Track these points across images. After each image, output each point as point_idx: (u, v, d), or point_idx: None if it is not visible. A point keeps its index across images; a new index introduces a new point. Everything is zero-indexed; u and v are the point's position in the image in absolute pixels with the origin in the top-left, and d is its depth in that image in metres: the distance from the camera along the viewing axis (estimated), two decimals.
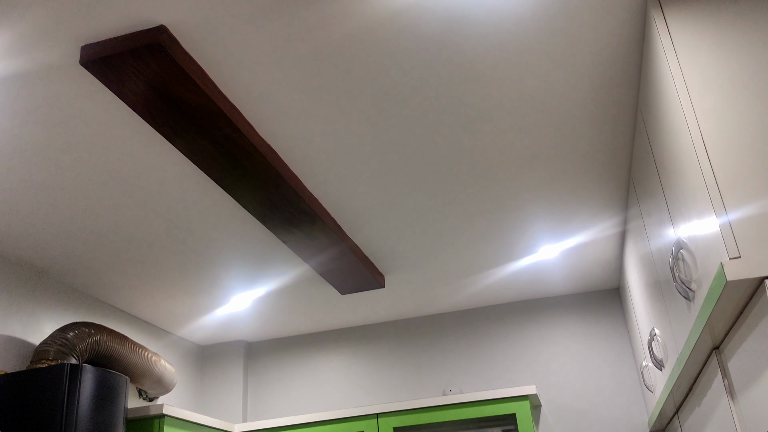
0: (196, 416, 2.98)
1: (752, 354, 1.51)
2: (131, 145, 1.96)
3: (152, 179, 2.14)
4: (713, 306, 1.43)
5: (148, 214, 2.35)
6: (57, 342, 2.47)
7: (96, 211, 2.30)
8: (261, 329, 3.66)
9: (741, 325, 1.55)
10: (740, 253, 1.28)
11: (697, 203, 1.48)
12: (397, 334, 3.65)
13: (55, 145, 1.92)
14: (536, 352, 3.42)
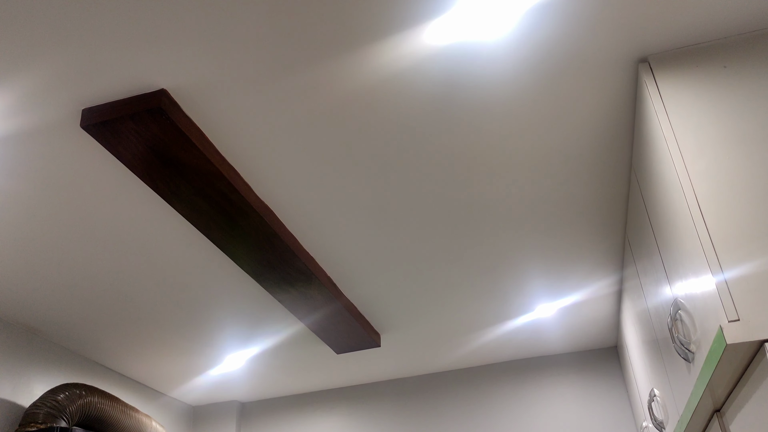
0: None
1: (754, 417, 1.49)
2: (128, 205, 1.97)
3: (148, 239, 2.14)
4: (713, 368, 1.42)
5: (144, 273, 2.34)
6: (47, 404, 2.41)
7: (90, 271, 2.29)
8: (255, 389, 3.59)
9: (742, 387, 1.53)
10: (739, 316, 1.28)
11: (693, 263, 1.48)
12: (393, 393, 3.59)
13: (51, 204, 1.93)
14: (534, 412, 3.36)
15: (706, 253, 1.37)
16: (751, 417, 1.52)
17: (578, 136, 1.86)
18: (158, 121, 1.55)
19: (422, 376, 3.59)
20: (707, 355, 1.42)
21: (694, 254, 1.46)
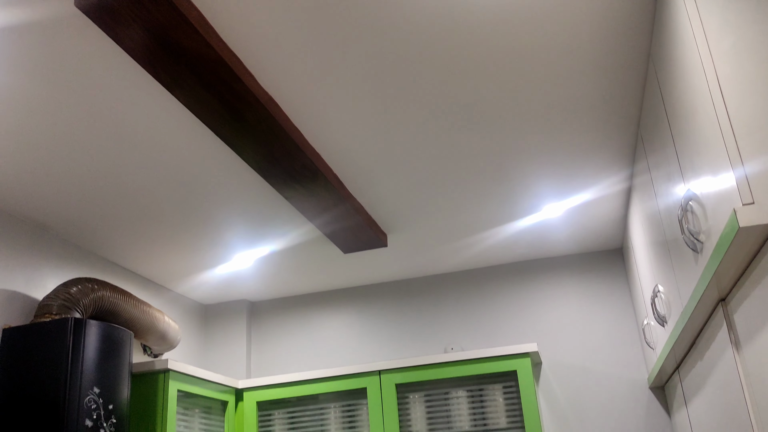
0: (201, 372, 3.00)
1: (759, 305, 1.50)
2: (131, 96, 1.92)
3: (153, 132, 2.11)
4: (723, 255, 1.41)
5: (149, 168, 2.32)
6: (60, 297, 2.46)
7: (96, 166, 2.28)
8: (264, 289, 3.66)
9: (749, 275, 1.54)
10: (754, 199, 1.26)
11: (710, 150, 1.45)
12: (399, 293, 3.65)
13: (55, 98, 1.89)
14: (538, 311, 3.43)
15: (724, 138, 1.34)
16: (757, 305, 1.53)
17: (593, 25, 1.79)
18: (157, 2, 1.49)
19: (428, 277, 3.64)
20: (718, 241, 1.42)
21: (711, 141, 1.43)
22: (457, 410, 3.07)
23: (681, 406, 2.74)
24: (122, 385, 2.51)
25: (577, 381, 3.26)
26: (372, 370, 3.17)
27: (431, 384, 3.14)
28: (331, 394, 3.24)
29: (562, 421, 3.21)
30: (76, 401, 2.29)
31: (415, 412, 3.11)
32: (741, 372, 1.71)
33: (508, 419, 3.00)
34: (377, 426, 3.07)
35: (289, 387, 3.26)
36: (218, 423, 3.15)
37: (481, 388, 3.08)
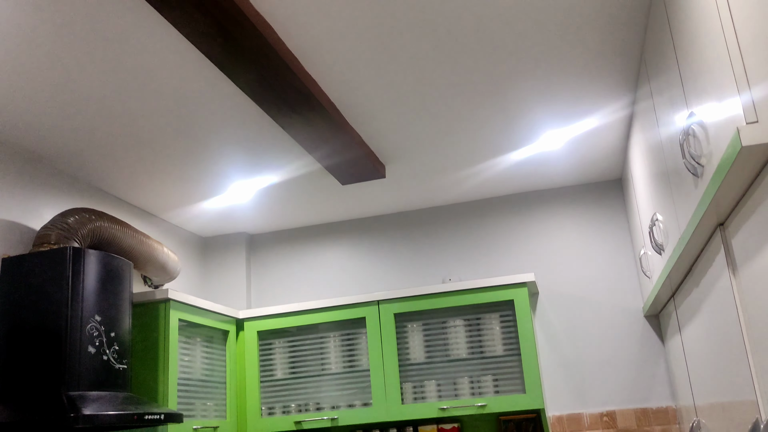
0: (202, 302, 3.03)
1: (757, 229, 1.50)
2: (124, 24, 1.87)
3: (147, 60, 2.06)
4: (723, 177, 1.40)
5: (144, 96, 2.28)
6: (58, 226, 2.46)
7: (91, 95, 2.23)
8: (262, 221, 3.67)
9: (748, 199, 1.53)
10: (758, 118, 1.24)
11: (715, 73, 1.42)
12: (398, 225, 3.66)
13: (50, 27, 1.83)
14: (536, 242, 3.44)
15: (731, 57, 1.30)
16: (754, 229, 1.53)
17: None
18: None
19: (426, 209, 3.64)
20: (719, 163, 1.40)
21: (717, 61, 1.39)
22: (455, 339, 3.12)
23: (675, 333, 2.78)
24: (123, 314, 2.54)
25: (572, 310, 3.31)
26: (371, 300, 3.21)
27: (429, 313, 3.18)
28: (331, 324, 3.29)
29: (557, 350, 3.28)
30: (78, 329, 2.32)
31: (413, 341, 3.16)
32: (737, 296, 1.72)
33: (504, 347, 3.05)
34: (376, 354, 3.13)
35: (289, 317, 3.30)
36: (220, 352, 3.21)
37: (478, 317, 3.12)
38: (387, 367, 3.11)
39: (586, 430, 3.13)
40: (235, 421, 3.19)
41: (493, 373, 3.03)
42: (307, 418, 3.14)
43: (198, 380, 2.99)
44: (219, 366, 3.18)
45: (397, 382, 3.08)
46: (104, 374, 2.37)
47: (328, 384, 3.21)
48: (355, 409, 3.11)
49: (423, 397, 3.08)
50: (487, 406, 2.95)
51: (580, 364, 3.23)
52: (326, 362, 3.24)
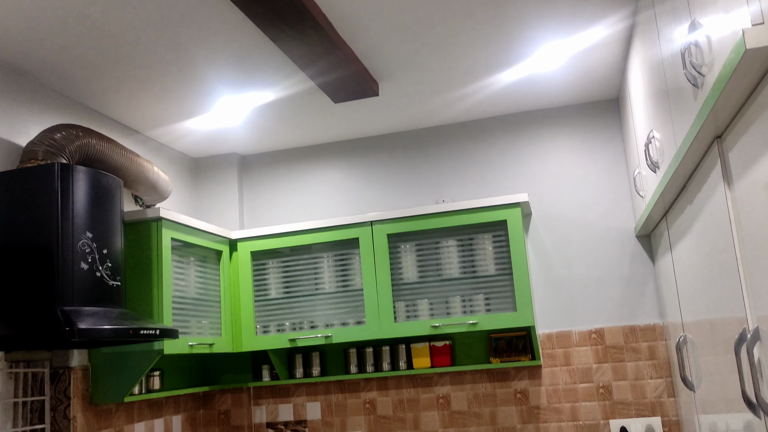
0: (194, 221, 3.02)
1: (754, 140, 1.48)
2: None
3: None
4: (725, 83, 1.37)
5: (130, 7, 2.19)
6: (45, 143, 2.42)
7: (76, 9, 2.14)
8: (254, 142, 3.62)
9: (748, 109, 1.50)
10: (764, 19, 1.20)
11: None
12: (391, 146, 3.62)
13: None
14: (530, 162, 3.42)
15: None
16: (751, 141, 1.51)
17: None
18: None
19: (420, 130, 3.59)
20: (721, 69, 1.37)
21: None
22: (447, 259, 3.14)
23: (666, 252, 2.80)
24: (115, 231, 2.52)
25: (565, 231, 3.32)
26: (364, 221, 3.21)
27: (422, 234, 3.19)
28: (324, 245, 3.29)
29: (548, 269, 3.31)
30: (70, 245, 2.31)
31: (406, 261, 3.18)
32: (731, 210, 1.72)
33: (496, 267, 3.08)
34: (369, 275, 3.16)
35: (283, 237, 3.31)
36: (213, 272, 3.23)
37: (471, 238, 3.13)
38: (380, 287, 3.14)
39: (574, 346, 3.20)
40: (230, 339, 3.24)
41: (485, 292, 3.07)
42: (301, 336, 3.19)
43: (192, 299, 3.01)
44: (213, 285, 3.21)
45: (390, 301, 3.11)
46: (98, 290, 2.39)
47: (322, 303, 3.25)
48: (349, 327, 3.16)
49: (415, 315, 3.12)
50: (479, 324, 3.00)
51: (570, 284, 3.27)
52: (320, 282, 3.27)
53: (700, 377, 2.37)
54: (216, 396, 3.49)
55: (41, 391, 2.62)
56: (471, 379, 3.28)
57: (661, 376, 3.09)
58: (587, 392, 3.14)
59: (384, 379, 3.37)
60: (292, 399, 3.47)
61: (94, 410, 2.73)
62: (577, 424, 3.13)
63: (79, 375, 2.68)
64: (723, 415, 2.11)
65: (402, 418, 3.32)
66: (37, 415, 2.60)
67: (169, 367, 3.21)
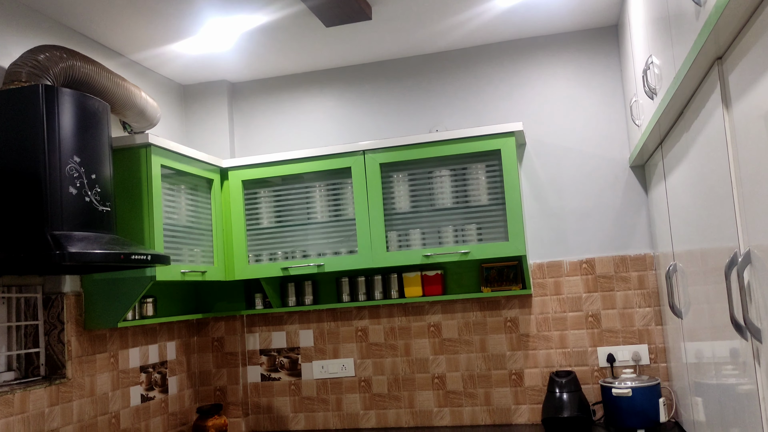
0: (184, 148, 2.97)
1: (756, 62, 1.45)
2: None
3: None
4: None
5: None
6: (28, 64, 2.35)
7: None
8: (244, 69, 3.53)
9: (750, 27, 1.46)
10: None
11: None
12: (385, 74, 3.55)
13: None
14: (525, 91, 3.36)
15: None
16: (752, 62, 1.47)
17: None
18: None
19: (415, 57, 3.51)
20: None
21: None
22: (440, 188, 3.12)
23: (659, 182, 2.79)
24: (103, 156, 2.48)
25: (559, 161, 3.30)
26: (356, 150, 3.17)
27: (415, 163, 3.16)
28: (316, 174, 3.27)
29: (541, 200, 3.30)
30: (57, 169, 2.28)
31: (399, 191, 3.16)
32: (728, 133, 1.70)
33: (489, 197, 3.07)
34: (361, 204, 3.14)
35: (274, 166, 3.27)
36: (205, 201, 3.21)
37: (464, 167, 3.11)
38: (372, 217, 3.13)
39: (565, 276, 3.23)
40: (222, 267, 3.25)
41: (477, 222, 3.07)
42: (293, 265, 3.20)
43: (184, 227, 3.00)
44: (204, 214, 3.19)
45: (382, 230, 3.11)
46: (88, 215, 2.36)
47: (314, 233, 3.24)
48: (341, 256, 3.17)
49: (408, 245, 3.13)
50: (470, 254, 3.01)
51: (562, 214, 3.27)
52: (312, 211, 3.26)
53: (689, 305, 2.40)
54: (210, 323, 3.53)
55: (34, 316, 2.64)
56: (462, 308, 3.31)
57: (650, 305, 3.13)
58: (576, 321, 3.19)
59: (376, 307, 3.41)
60: (285, 327, 3.51)
61: (89, 335, 2.75)
62: (566, 351, 3.19)
63: (72, 301, 2.69)
64: (709, 343, 2.15)
65: (393, 345, 3.37)
66: (31, 339, 2.63)
67: (162, 295, 3.23)
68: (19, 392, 2.39)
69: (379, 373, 3.37)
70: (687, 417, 2.72)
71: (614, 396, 2.86)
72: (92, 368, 2.76)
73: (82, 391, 2.69)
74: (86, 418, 2.70)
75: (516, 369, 3.23)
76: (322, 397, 3.43)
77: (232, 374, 3.48)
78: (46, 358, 2.63)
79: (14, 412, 2.36)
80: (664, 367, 3.09)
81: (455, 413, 3.28)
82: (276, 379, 3.49)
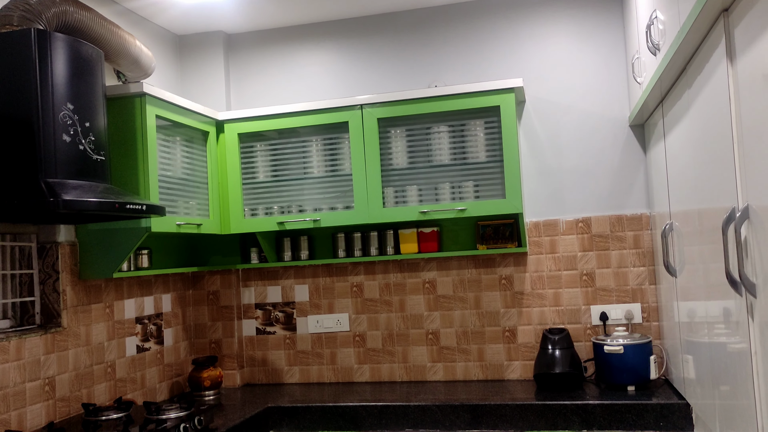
0: (179, 99, 2.93)
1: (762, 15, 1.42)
2: None
3: None
4: None
5: None
6: (20, 7, 2.29)
7: None
8: (240, 20, 3.47)
9: None
10: None
11: None
12: (384, 28, 3.48)
13: None
14: (526, 47, 3.32)
15: None
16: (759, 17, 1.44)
17: None
18: None
19: (415, 11, 3.45)
20: None
21: None
22: (438, 145, 3.10)
23: (659, 141, 2.78)
24: (97, 105, 2.45)
25: (558, 118, 3.27)
26: (354, 104, 3.14)
27: (413, 119, 3.13)
28: (313, 128, 3.23)
29: (539, 158, 3.28)
30: (50, 115, 2.25)
31: (396, 147, 3.14)
32: (731, 88, 1.67)
33: (487, 153, 3.05)
34: (358, 159, 3.12)
35: (270, 120, 3.24)
36: (200, 153, 3.18)
37: (462, 124, 3.08)
38: (369, 172, 3.11)
39: (561, 235, 3.23)
40: (218, 220, 3.24)
41: (475, 179, 3.05)
42: (289, 219, 3.19)
43: (179, 179, 2.98)
44: (200, 167, 3.16)
45: (378, 186, 3.09)
46: (82, 164, 2.34)
47: (311, 187, 3.22)
48: (337, 211, 3.16)
49: (404, 201, 3.12)
50: (467, 210, 3.00)
51: (560, 173, 3.26)
52: (308, 166, 3.24)
53: (683, 264, 2.41)
54: (205, 277, 3.54)
55: (29, 265, 2.63)
56: (457, 265, 3.32)
57: (644, 264, 3.14)
58: (571, 279, 3.21)
59: (371, 263, 3.41)
60: (280, 281, 3.52)
61: (84, 285, 2.76)
62: (559, 309, 3.21)
63: (66, 250, 2.68)
64: (702, 302, 2.16)
65: (388, 301, 3.39)
66: (26, 288, 2.63)
67: (157, 247, 3.23)
68: (15, 339, 2.40)
69: (374, 329, 3.40)
70: (677, 374, 2.75)
71: (606, 353, 2.89)
72: (88, 318, 2.76)
73: (78, 340, 2.70)
74: (82, 366, 2.72)
75: (509, 326, 3.26)
76: (317, 351, 3.46)
77: (228, 327, 3.50)
78: (41, 307, 2.63)
79: (9, 359, 2.37)
80: (656, 325, 3.12)
81: (448, 368, 3.31)
82: (271, 332, 3.52)
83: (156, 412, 2.54)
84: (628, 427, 2.64)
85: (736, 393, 1.81)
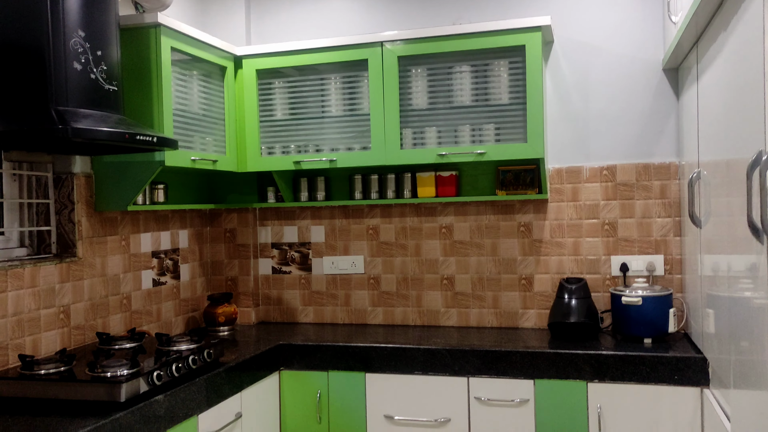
0: (195, 31, 2.87)
1: None
2: None
3: None
4: None
5: None
6: None
7: None
8: None
9: None
10: None
11: None
12: None
13: None
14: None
15: None
16: None
17: None
18: None
19: None
20: None
21: None
22: (459, 85, 3.00)
23: (692, 85, 2.64)
24: (110, 33, 2.40)
25: (587, 60, 3.13)
26: (374, 41, 3.04)
27: (435, 57, 3.02)
28: (332, 65, 3.15)
29: (565, 102, 3.16)
30: (61, 42, 2.21)
31: (417, 87, 3.05)
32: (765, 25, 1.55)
33: (510, 96, 2.94)
34: (377, 99, 3.04)
35: (289, 56, 3.16)
36: (218, 89, 3.13)
37: (486, 63, 2.97)
38: (388, 112, 3.03)
39: (584, 182, 3.13)
40: (234, 158, 3.21)
41: (496, 122, 2.95)
42: (306, 159, 3.15)
43: (195, 114, 2.94)
44: (217, 102, 3.12)
45: (397, 127, 3.02)
46: (93, 93, 2.31)
47: (328, 127, 3.16)
48: (354, 152, 3.10)
49: (423, 143, 3.04)
50: (486, 154, 2.92)
51: (587, 118, 3.13)
52: (326, 105, 3.17)
53: (709, 215, 2.31)
54: (222, 215, 3.54)
55: (45, 195, 2.65)
56: (475, 210, 3.26)
57: (670, 215, 3.04)
58: (592, 228, 3.12)
59: (388, 206, 3.37)
60: (296, 222, 3.50)
61: (99, 217, 2.77)
62: (578, 258, 3.14)
63: (82, 181, 2.68)
64: (726, 256, 2.07)
65: (404, 245, 3.35)
66: (42, 218, 2.65)
67: (175, 183, 3.22)
68: (29, 267, 2.43)
69: (389, 272, 3.38)
70: (696, 329, 2.68)
71: (623, 304, 2.83)
72: (103, 249, 2.78)
73: (93, 271, 2.73)
74: (97, 297, 2.75)
75: (526, 274, 3.20)
76: (332, 292, 3.46)
77: (244, 265, 3.51)
78: (57, 237, 2.66)
79: (24, 286, 2.40)
80: (679, 278, 3.04)
81: (462, 314, 3.29)
82: (287, 272, 3.52)
83: (167, 343, 2.56)
84: (641, 379, 2.60)
85: (752, 348, 1.75)
